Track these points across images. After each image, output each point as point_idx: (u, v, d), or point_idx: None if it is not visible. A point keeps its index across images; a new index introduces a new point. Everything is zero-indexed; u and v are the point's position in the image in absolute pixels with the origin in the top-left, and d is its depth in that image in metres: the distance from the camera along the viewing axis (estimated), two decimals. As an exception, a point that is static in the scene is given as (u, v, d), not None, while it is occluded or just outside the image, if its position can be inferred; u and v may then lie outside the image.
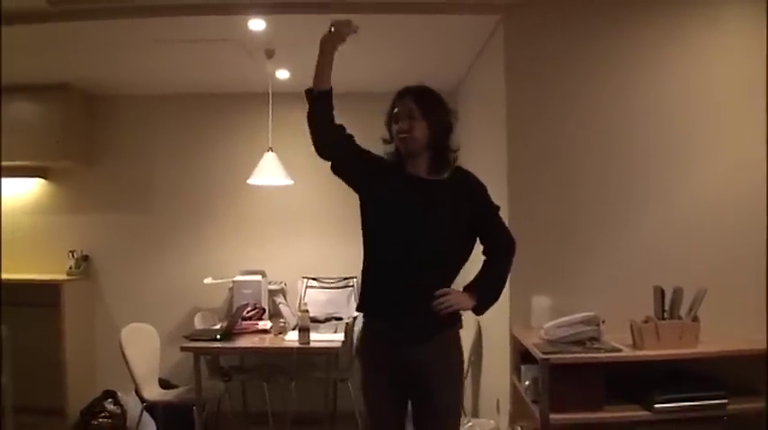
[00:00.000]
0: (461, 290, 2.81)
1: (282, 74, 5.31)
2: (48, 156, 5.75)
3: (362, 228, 2.87)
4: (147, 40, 4.53)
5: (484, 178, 2.94)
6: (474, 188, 2.92)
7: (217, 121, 6.09)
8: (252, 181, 5.01)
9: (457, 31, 4.39)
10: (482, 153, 4.71)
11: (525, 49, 3.91)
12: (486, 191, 2.93)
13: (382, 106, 2.93)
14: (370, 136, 2.89)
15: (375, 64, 5.09)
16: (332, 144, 2.82)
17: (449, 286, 2.78)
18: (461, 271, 2.90)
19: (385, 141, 2.90)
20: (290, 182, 4.97)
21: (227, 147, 6.06)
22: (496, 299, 2.91)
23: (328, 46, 2.90)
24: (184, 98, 6.07)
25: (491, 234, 2.94)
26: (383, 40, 4.55)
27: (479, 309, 2.84)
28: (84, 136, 6.02)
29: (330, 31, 2.87)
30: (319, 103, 2.84)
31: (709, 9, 3.74)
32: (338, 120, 2.84)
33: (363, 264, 2.85)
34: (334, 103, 2.84)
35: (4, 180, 6.05)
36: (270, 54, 4.73)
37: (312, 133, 2.81)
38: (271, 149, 4.98)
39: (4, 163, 5.68)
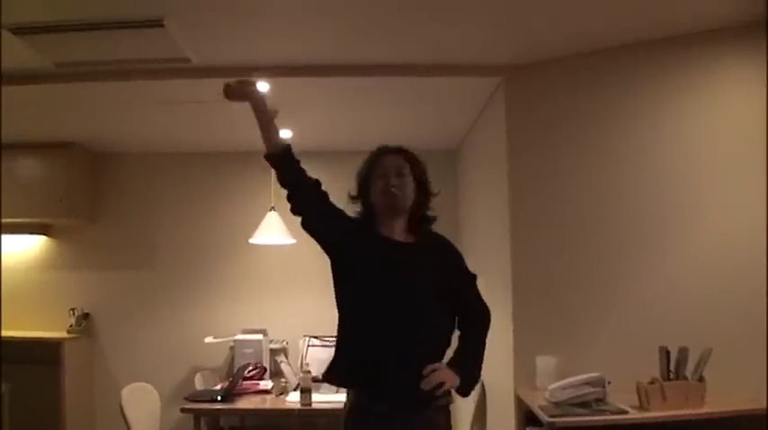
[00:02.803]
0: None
1: (285, 133, 5.34)
2: (51, 213, 5.77)
3: (337, 293, 2.74)
4: (151, 101, 4.59)
5: (485, 237, 2.94)
6: (452, 253, 2.82)
7: (219, 180, 6.12)
8: (254, 240, 5.03)
9: (458, 92, 4.44)
10: (483, 212, 4.74)
11: (526, 110, 3.96)
12: (462, 258, 2.83)
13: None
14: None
15: (376, 124, 5.14)
16: (305, 201, 2.72)
17: (441, 360, 2.63)
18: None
19: (354, 198, 2.79)
20: (292, 241, 4.98)
21: (229, 205, 6.08)
22: (479, 376, 2.79)
23: (256, 110, 2.83)
24: (187, 157, 6.12)
25: (468, 304, 2.81)
26: (384, 101, 4.61)
27: (464, 388, 2.70)
28: (88, 193, 6.06)
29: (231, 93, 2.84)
30: (282, 164, 2.76)
31: (710, 72, 3.75)
32: (340, 181, 2.81)
33: (341, 330, 2.70)
34: (334, 162, 2.81)
35: (6, 237, 6.08)
36: (273, 115, 4.76)
37: (287, 192, 2.73)
38: (273, 208, 5.00)
39: (8, 220, 5.72)
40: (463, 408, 4.91)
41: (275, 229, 4.96)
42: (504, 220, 4.01)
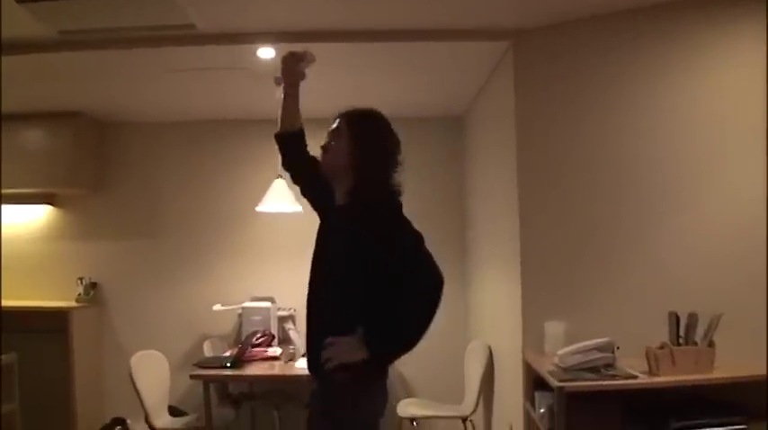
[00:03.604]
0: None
1: (289, 99, 5.32)
2: (57, 183, 5.76)
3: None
4: (157, 69, 4.55)
5: (493, 203, 2.89)
6: (369, 220, 2.47)
7: (226, 148, 6.10)
8: (261, 208, 5.01)
9: (465, 57, 4.40)
10: (490, 178, 4.72)
11: (535, 75, 3.92)
12: (384, 224, 2.47)
13: (396, 130, 2.88)
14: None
15: (381, 90, 5.09)
16: (305, 176, 2.87)
17: (350, 331, 2.41)
18: None
19: None
20: (298, 208, 4.96)
21: (236, 173, 6.07)
22: (400, 349, 2.46)
23: (291, 88, 2.85)
24: (194, 125, 6.10)
25: (394, 275, 2.40)
26: (389, 67, 4.57)
27: (373, 363, 2.41)
28: (94, 163, 6.04)
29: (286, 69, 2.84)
30: (292, 146, 2.85)
31: (722, 36, 3.71)
32: None
33: None
34: None
35: (12, 207, 6.09)
36: (278, 82, 4.71)
37: (289, 172, 2.87)
38: (280, 176, 4.98)
39: (13, 190, 5.74)
40: (471, 374, 4.94)
41: (282, 197, 4.94)
42: (511, 186, 3.99)
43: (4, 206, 6.10)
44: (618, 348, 3.30)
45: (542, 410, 3.39)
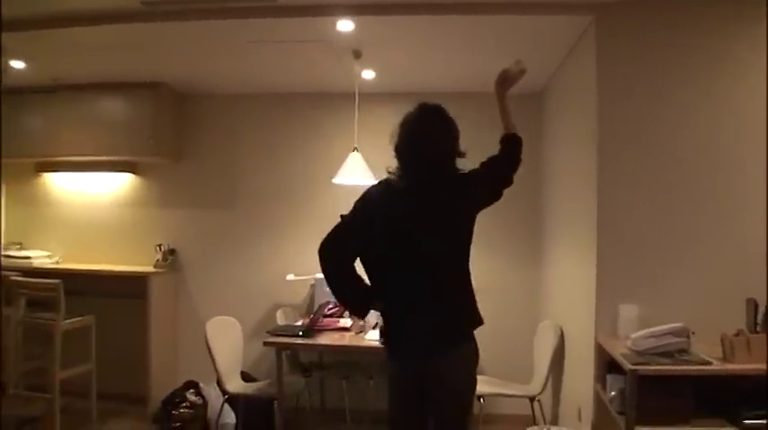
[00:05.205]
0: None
1: (368, 74, 5.34)
2: (138, 151, 5.91)
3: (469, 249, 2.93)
4: (238, 41, 4.61)
5: (570, 182, 2.88)
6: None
7: (303, 121, 6.15)
8: (337, 180, 5.04)
9: (546, 31, 4.32)
10: (568, 157, 4.65)
11: (618, 50, 3.84)
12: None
13: (473, 106, 2.93)
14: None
15: (460, 65, 5.07)
16: None
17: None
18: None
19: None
20: (374, 181, 4.96)
21: (312, 146, 6.12)
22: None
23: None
24: (272, 97, 6.16)
25: None
26: (469, 41, 4.53)
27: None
28: (174, 133, 6.17)
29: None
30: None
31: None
32: None
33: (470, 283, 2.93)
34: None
35: (95, 174, 6.32)
36: (357, 55, 4.76)
37: None
38: (356, 149, 5.00)
39: (96, 158, 5.99)
40: (541, 354, 4.91)
41: (358, 170, 4.96)
42: (590, 165, 3.93)
43: (88, 173, 6.33)
44: (693, 333, 3.25)
45: (613, 393, 3.36)
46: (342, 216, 3.02)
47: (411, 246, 2.82)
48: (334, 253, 2.95)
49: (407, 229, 2.83)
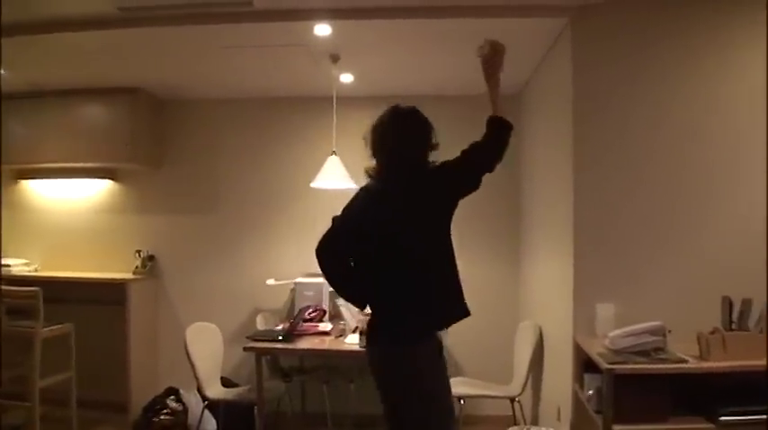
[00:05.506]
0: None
1: (346, 78, 5.35)
2: (116, 158, 5.87)
3: (450, 246, 2.99)
4: (216, 46, 4.61)
5: (547, 183, 2.91)
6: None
7: (281, 125, 6.15)
8: (315, 184, 5.05)
9: (523, 34, 4.34)
10: (546, 156, 4.68)
11: (593, 52, 3.87)
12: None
13: (451, 109, 2.95)
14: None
15: (437, 68, 5.09)
16: None
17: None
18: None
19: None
20: (352, 185, 4.98)
21: (291, 150, 6.11)
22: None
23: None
24: (250, 102, 6.17)
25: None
26: (446, 44, 4.54)
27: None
28: (152, 139, 6.15)
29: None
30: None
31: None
32: None
33: (450, 279, 2.97)
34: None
35: (73, 181, 6.28)
36: (335, 59, 4.77)
37: None
38: (334, 153, 5.01)
39: (75, 164, 5.94)
40: (520, 354, 4.93)
41: (336, 173, 4.97)
42: (567, 166, 3.96)
43: (66, 180, 6.30)
44: (669, 332, 3.28)
45: (591, 392, 3.38)
46: (333, 219, 3.16)
47: (390, 245, 2.92)
48: (329, 254, 3.12)
49: (385, 230, 2.94)
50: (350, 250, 3.10)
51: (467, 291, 2.93)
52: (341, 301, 5.42)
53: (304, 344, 4.67)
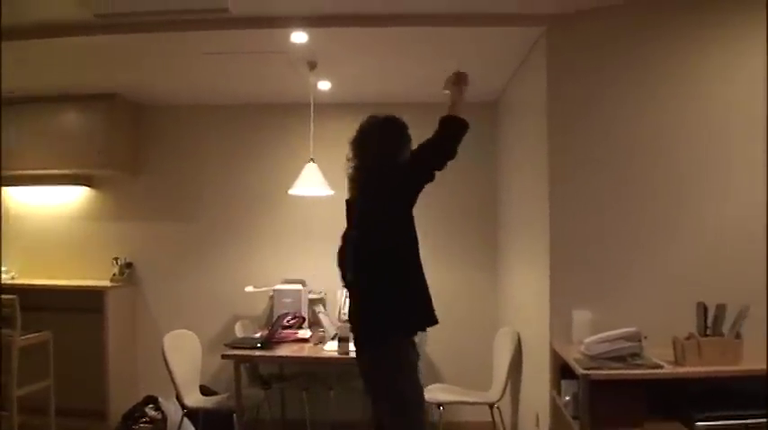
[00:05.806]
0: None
1: (324, 85, 5.35)
2: (90, 164, 5.84)
3: (410, 249, 3.14)
4: (193, 52, 4.60)
5: (524, 191, 2.94)
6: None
7: (259, 132, 6.15)
8: (293, 191, 5.05)
9: (498, 43, 4.38)
10: (522, 164, 4.71)
11: (568, 61, 3.89)
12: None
13: (424, 116, 2.98)
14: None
15: (414, 76, 5.10)
16: None
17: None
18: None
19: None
20: (330, 192, 4.99)
21: (269, 157, 6.11)
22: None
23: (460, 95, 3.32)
24: (230, 109, 6.16)
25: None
26: (422, 52, 4.56)
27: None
28: (129, 145, 6.12)
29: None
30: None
31: (752, 24, 3.68)
32: None
33: (418, 282, 3.14)
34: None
35: (50, 188, 6.24)
36: (312, 66, 4.77)
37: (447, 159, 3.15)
38: (312, 160, 5.01)
39: (50, 171, 5.90)
40: (499, 361, 4.95)
41: (314, 181, 4.97)
42: (542, 174, 3.99)
43: (42, 187, 6.24)
44: (645, 338, 3.30)
45: (567, 398, 3.40)
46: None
47: (357, 250, 3.17)
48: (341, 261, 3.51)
49: (355, 235, 3.20)
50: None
51: (445, 297, 2.97)
52: (319, 308, 5.44)
53: (283, 351, 4.67)
